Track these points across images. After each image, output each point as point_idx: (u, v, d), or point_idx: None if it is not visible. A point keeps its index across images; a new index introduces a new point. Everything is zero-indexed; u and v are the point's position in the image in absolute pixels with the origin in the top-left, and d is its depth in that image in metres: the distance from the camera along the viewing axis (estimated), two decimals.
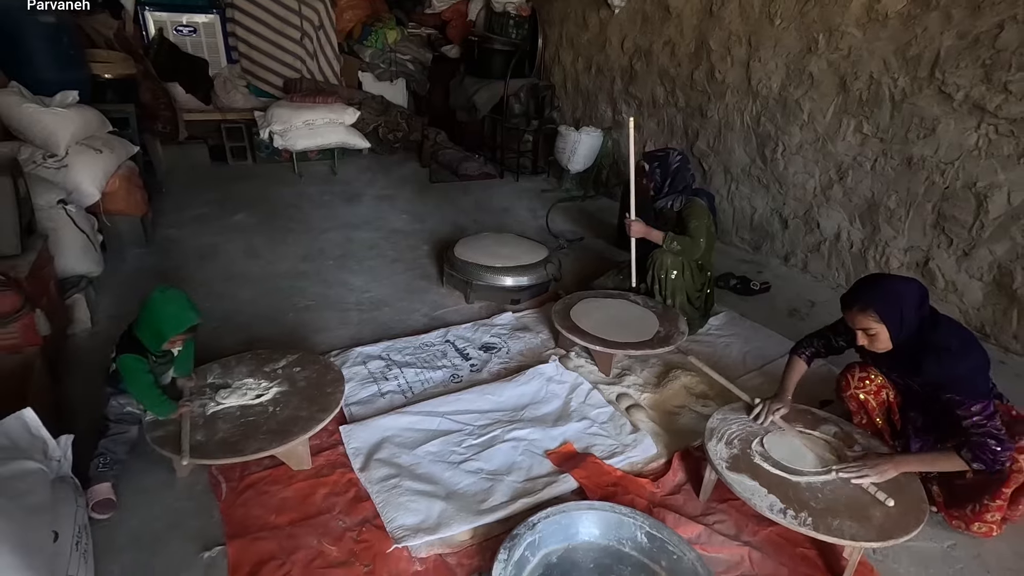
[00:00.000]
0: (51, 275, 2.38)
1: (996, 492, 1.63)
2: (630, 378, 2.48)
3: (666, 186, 2.80)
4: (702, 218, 2.70)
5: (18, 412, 1.60)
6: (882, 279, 1.70)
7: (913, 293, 1.63)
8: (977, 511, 1.68)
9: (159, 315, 1.77)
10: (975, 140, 2.76)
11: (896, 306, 1.60)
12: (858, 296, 1.67)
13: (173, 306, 1.79)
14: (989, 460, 1.53)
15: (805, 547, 1.71)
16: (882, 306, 1.61)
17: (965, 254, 2.89)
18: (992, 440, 1.53)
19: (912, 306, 1.62)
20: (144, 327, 1.79)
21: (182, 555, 1.62)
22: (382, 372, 2.44)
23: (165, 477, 1.86)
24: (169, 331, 1.78)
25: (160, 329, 1.77)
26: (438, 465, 1.95)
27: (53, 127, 2.95)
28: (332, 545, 1.66)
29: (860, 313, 1.65)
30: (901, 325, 1.61)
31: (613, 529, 1.67)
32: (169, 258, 3.41)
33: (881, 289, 1.65)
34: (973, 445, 1.55)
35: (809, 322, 3.09)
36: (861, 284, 1.71)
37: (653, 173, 2.81)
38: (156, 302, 1.78)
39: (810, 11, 3.32)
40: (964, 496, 1.71)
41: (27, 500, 1.35)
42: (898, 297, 1.62)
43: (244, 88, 5.44)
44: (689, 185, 2.82)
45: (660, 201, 2.83)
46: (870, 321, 1.63)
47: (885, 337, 1.64)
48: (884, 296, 1.62)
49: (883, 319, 1.61)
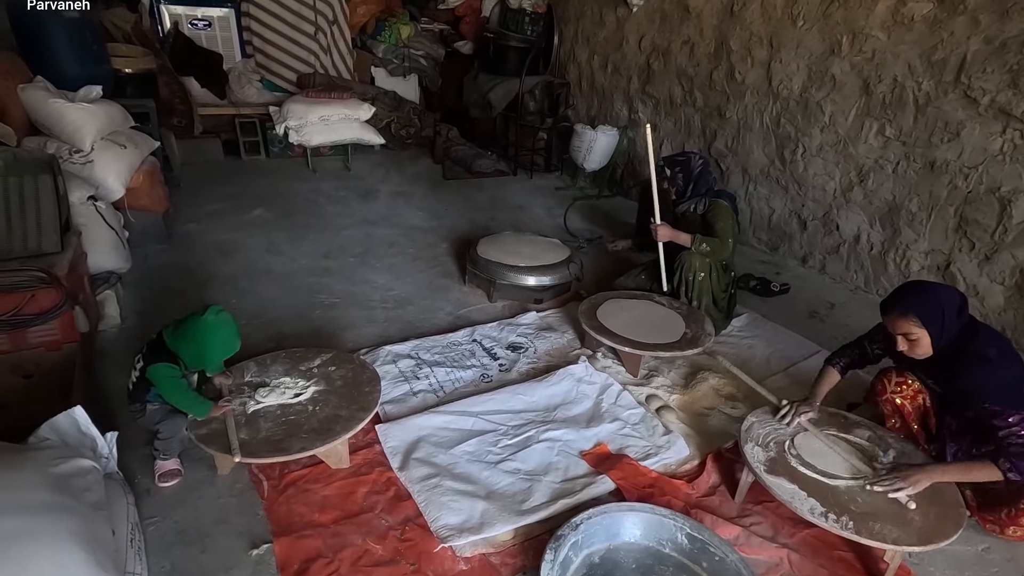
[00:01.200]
0: (86, 272, 2.39)
1: None
2: (658, 379, 2.50)
3: (689, 190, 2.83)
4: (727, 219, 2.72)
5: (68, 410, 1.62)
6: (924, 285, 1.72)
7: (954, 300, 1.65)
8: (1013, 515, 1.71)
9: (210, 339, 1.72)
10: (1000, 145, 2.78)
11: (938, 312, 1.62)
12: (900, 301, 1.69)
13: (225, 332, 1.76)
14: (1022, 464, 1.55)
15: (842, 550, 1.74)
16: (924, 311, 1.63)
17: (987, 258, 2.91)
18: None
19: (953, 312, 1.63)
20: (187, 344, 1.73)
21: (231, 552, 1.64)
22: (412, 371, 2.46)
23: (206, 475, 1.89)
24: (216, 357, 1.77)
25: (205, 354, 1.75)
26: (475, 465, 1.98)
27: (80, 122, 2.95)
28: (377, 544, 1.69)
29: (901, 318, 1.67)
30: (942, 331, 1.63)
31: (654, 530, 1.69)
32: (191, 254, 3.42)
33: (923, 294, 1.66)
34: (1011, 455, 1.56)
35: (828, 324, 3.11)
36: (903, 289, 1.72)
37: (676, 178, 2.84)
38: (209, 325, 1.72)
39: (834, 13, 3.33)
40: (999, 500, 1.74)
41: (88, 497, 1.37)
42: (940, 303, 1.63)
43: (258, 83, 5.43)
44: (712, 187, 2.84)
45: (683, 205, 2.85)
46: (911, 326, 1.65)
47: (926, 343, 1.65)
48: (926, 301, 1.64)
49: (925, 324, 1.63)
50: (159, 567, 1.57)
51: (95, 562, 1.22)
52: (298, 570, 1.59)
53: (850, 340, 2.05)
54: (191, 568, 1.59)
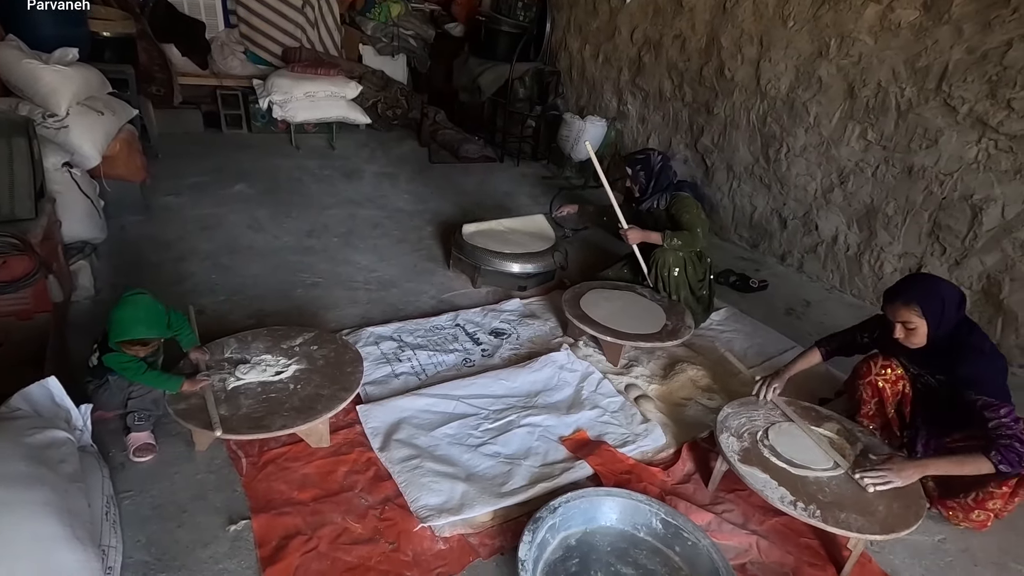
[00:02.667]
0: (60, 240, 2.32)
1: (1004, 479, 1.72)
2: (637, 369, 2.54)
3: (650, 187, 2.87)
4: (692, 209, 2.78)
5: (42, 380, 1.59)
6: (928, 277, 1.79)
7: (955, 295, 1.73)
8: (980, 499, 1.77)
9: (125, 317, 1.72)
10: (975, 153, 2.86)
11: (939, 304, 1.69)
12: (904, 290, 1.75)
13: (142, 310, 1.74)
14: (1016, 461, 1.59)
15: (809, 537, 1.80)
16: (926, 302, 1.69)
17: (957, 263, 3.01)
18: (1019, 443, 1.59)
19: (952, 306, 1.70)
20: (113, 328, 1.73)
21: (207, 527, 1.64)
22: (395, 353, 2.45)
23: (183, 450, 1.87)
24: (141, 332, 1.74)
25: (128, 331, 1.72)
26: (456, 448, 1.99)
27: (55, 85, 2.84)
28: (356, 522, 1.70)
29: (904, 306, 1.73)
30: (940, 322, 1.69)
31: (629, 515, 1.73)
32: (169, 227, 3.34)
33: (926, 286, 1.73)
34: (1001, 447, 1.60)
35: (804, 321, 3.19)
36: (907, 280, 1.80)
37: (637, 176, 2.89)
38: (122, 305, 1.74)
39: (824, 15, 3.37)
40: (962, 486, 1.81)
41: (63, 469, 1.35)
42: (941, 296, 1.70)
43: (242, 54, 5.28)
44: (672, 182, 2.90)
45: (646, 202, 2.89)
46: (912, 315, 1.71)
47: (923, 332, 1.72)
48: (928, 293, 1.71)
49: (925, 314, 1.70)
50: (134, 541, 1.56)
51: (71, 535, 1.20)
52: (276, 547, 1.59)
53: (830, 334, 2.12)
54: (167, 543, 1.58)
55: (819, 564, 1.73)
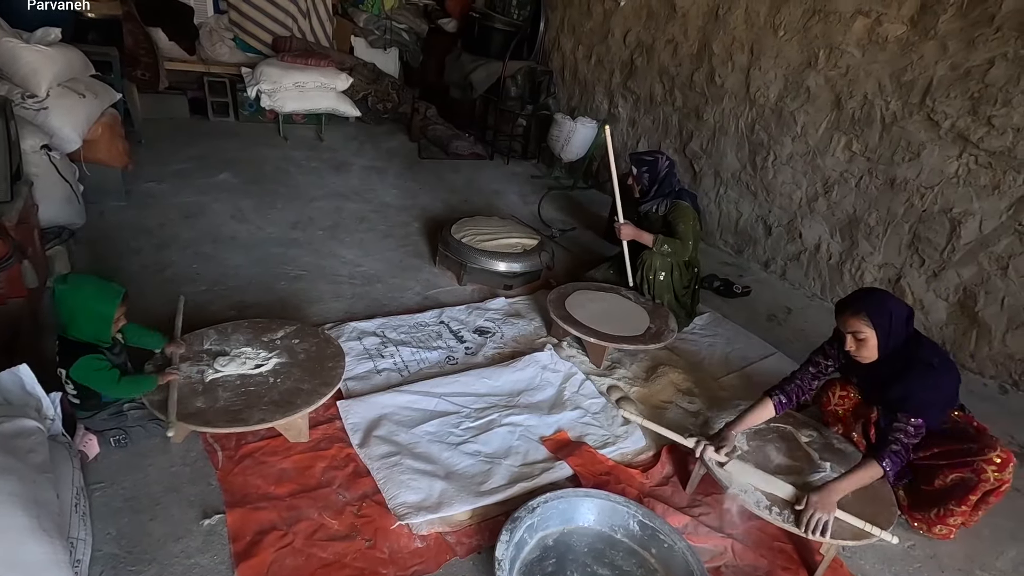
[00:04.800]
0: (36, 224, 2.27)
1: (963, 499, 1.78)
2: (620, 371, 2.55)
3: (652, 191, 2.88)
4: (688, 220, 2.78)
5: (13, 368, 1.55)
6: (878, 291, 1.82)
7: (903, 311, 1.76)
8: (941, 515, 1.84)
9: (86, 300, 1.64)
10: (956, 168, 2.92)
11: (887, 316, 1.72)
12: (853, 301, 1.78)
13: (90, 286, 1.67)
14: (899, 465, 1.67)
15: (783, 541, 1.82)
16: (875, 312, 1.73)
17: (935, 275, 3.07)
18: (905, 451, 1.68)
19: (901, 321, 1.73)
20: (81, 323, 1.65)
21: (180, 521, 1.61)
22: (378, 349, 2.44)
23: (158, 442, 1.83)
24: (109, 307, 1.66)
25: (98, 310, 1.65)
26: (436, 445, 1.98)
27: (35, 65, 2.77)
28: (333, 518, 1.68)
29: (853, 316, 1.76)
30: (889, 334, 1.73)
31: (607, 516, 1.74)
32: (151, 214, 3.28)
33: (876, 299, 1.76)
34: (891, 453, 1.67)
35: (785, 328, 3.23)
36: (859, 292, 1.82)
37: (641, 177, 2.88)
38: (69, 293, 1.63)
39: (814, 27, 3.41)
40: (929, 501, 1.86)
41: (32, 459, 1.32)
42: (890, 309, 1.73)
43: (231, 41, 5.20)
44: (674, 189, 2.90)
45: (645, 205, 2.90)
46: (862, 325, 1.74)
47: (873, 344, 1.75)
48: (878, 305, 1.74)
49: (874, 325, 1.73)
50: (104, 533, 1.53)
51: (38, 526, 1.18)
52: (251, 541, 1.57)
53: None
54: (138, 536, 1.55)
55: (792, 568, 1.75)
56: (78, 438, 1.70)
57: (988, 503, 1.79)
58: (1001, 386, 2.90)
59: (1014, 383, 2.88)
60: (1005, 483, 1.76)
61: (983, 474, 1.72)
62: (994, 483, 1.74)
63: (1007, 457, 1.74)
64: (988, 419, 1.97)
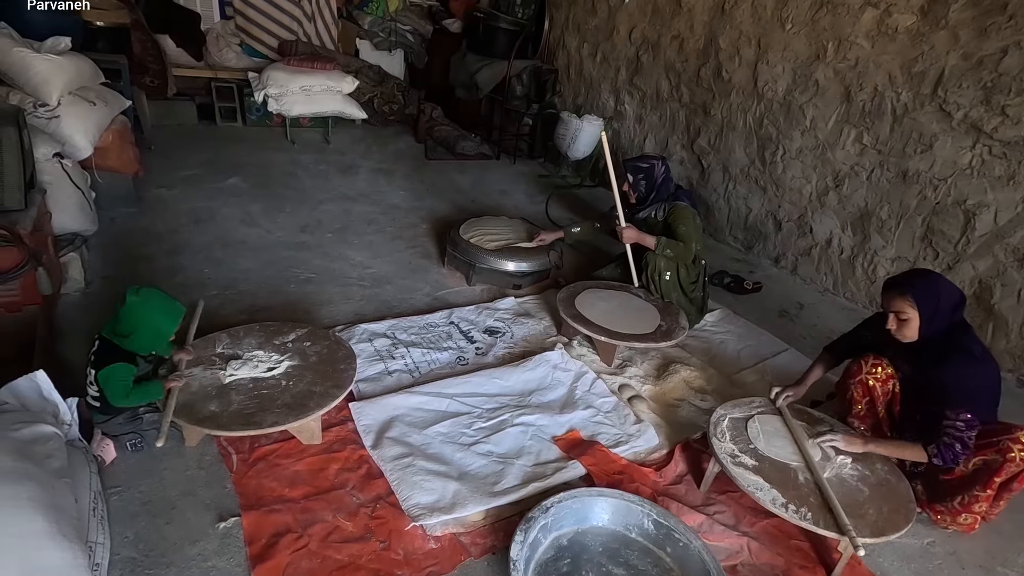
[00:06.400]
0: (50, 232, 2.29)
1: (988, 482, 1.74)
2: (631, 369, 2.54)
3: (650, 198, 2.86)
4: (689, 222, 2.77)
5: (30, 374, 1.57)
6: (931, 274, 1.80)
7: (953, 295, 1.73)
8: (966, 503, 1.80)
9: (152, 314, 1.67)
10: (969, 159, 2.88)
11: (934, 299, 1.70)
12: (903, 281, 1.77)
13: (159, 301, 1.70)
14: (951, 459, 1.66)
15: (799, 539, 1.81)
16: (921, 294, 1.70)
17: (949, 268, 3.03)
18: (959, 444, 1.67)
19: (948, 306, 1.71)
20: (141, 334, 1.67)
21: (197, 524, 1.62)
22: (388, 351, 2.44)
23: (173, 445, 1.84)
24: (171, 325, 1.71)
25: (161, 327, 1.69)
26: (449, 446, 1.98)
27: (46, 74, 2.80)
28: (347, 520, 1.68)
29: (899, 296, 1.74)
30: (933, 317, 1.70)
31: (622, 515, 1.73)
32: (162, 220, 3.31)
33: (925, 279, 1.74)
34: (943, 444, 1.67)
35: (797, 324, 3.20)
36: (911, 272, 1.82)
37: (638, 184, 2.85)
38: (140, 305, 1.66)
39: (822, 19, 3.38)
40: (949, 491, 1.83)
41: (50, 464, 1.33)
42: (939, 292, 1.71)
43: (237, 47, 5.24)
44: (672, 192, 2.88)
45: (644, 211, 2.88)
46: (906, 306, 1.72)
47: (915, 326, 1.73)
48: (927, 287, 1.72)
49: (918, 306, 1.70)
50: (122, 537, 1.54)
51: (57, 531, 1.19)
52: (266, 544, 1.58)
53: (819, 340, 2.13)
54: (155, 539, 1.56)
55: (809, 566, 1.74)
56: (95, 443, 1.72)
57: (1012, 490, 1.76)
58: (1019, 379, 2.85)
59: None
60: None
61: (1009, 453, 1.68)
62: (1019, 464, 1.70)
63: None
64: (1006, 414, 1.93)
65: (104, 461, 1.72)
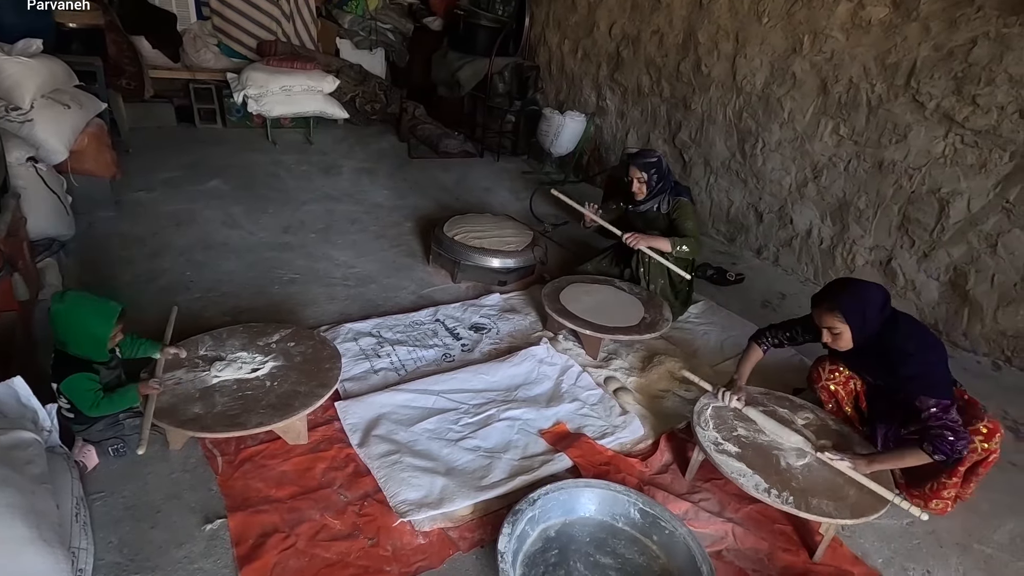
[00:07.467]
0: (25, 237, 2.26)
1: (951, 471, 1.80)
2: (616, 362, 2.56)
3: (655, 190, 2.88)
4: (693, 217, 2.81)
5: (7, 380, 1.55)
6: (851, 283, 1.82)
7: (878, 298, 1.76)
8: (935, 489, 1.86)
9: (80, 320, 1.64)
10: (942, 148, 2.94)
11: (860, 309, 1.74)
12: (827, 297, 1.80)
13: (86, 306, 1.66)
14: (948, 451, 1.66)
15: (782, 523, 1.84)
16: (848, 308, 1.74)
17: (925, 255, 3.09)
18: (948, 432, 1.65)
19: (875, 310, 1.75)
20: (77, 342, 1.65)
21: (182, 527, 1.61)
22: (374, 349, 2.44)
23: (158, 449, 1.83)
24: (104, 328, 1.66)
25: (93, 332, 1.65)
26: (436, 442, 1.99)
27: (18, 77, 2.75)
28: (335, 518, 1.69)
29: (827, 312, 1.78)
30: (863, 327, 1.75)
31: (608, 505, 1.75)
32: (141, 223, 3.27)
33: (848, 293, 1.77)
34: (932, 438, 1.68)
35: (780, 313, 3.25)
36: (831, 286, 1.83)
37: (651, 179, 2.84)
38: (65, 312, 1.63)
39: (797, 12, 3.42)
40: (923, 477, 1.88)
41: (30, 470, 1.32)
42: (863, 301, 1.74)
43: (215, 47, 5.18)
44: (672, 185, 2.91)
45: (648, 203, 2.89)
46: (836, 321, 1.76)
47: (848, 337, 1.77)
48: (851, 299, 1.75)
49: (847, 320, 1.74)
50: (106, 542, 1.53)
51: (38, 536, 1.18)
52: (253, 544, 1.57)
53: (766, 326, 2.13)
54: (140, 543, 1.55)
55: (792, 549, 1.77)
56: (76, 449, 1.70)
57: (978, 474, 1.82)
58: (994, 363, 2.92)
59: (1007, 359, 2.90)
60: (992, 453, 1.78)
61: (970, 444, 1.73)
62: (981, 453, 1.76)
63: (993, 427, 1.76)
64: (982, 396, 1.99)
65: (86, 467, 1.70)
